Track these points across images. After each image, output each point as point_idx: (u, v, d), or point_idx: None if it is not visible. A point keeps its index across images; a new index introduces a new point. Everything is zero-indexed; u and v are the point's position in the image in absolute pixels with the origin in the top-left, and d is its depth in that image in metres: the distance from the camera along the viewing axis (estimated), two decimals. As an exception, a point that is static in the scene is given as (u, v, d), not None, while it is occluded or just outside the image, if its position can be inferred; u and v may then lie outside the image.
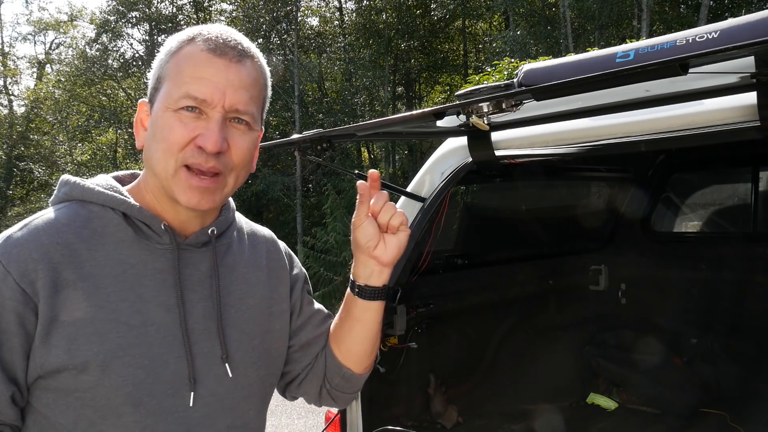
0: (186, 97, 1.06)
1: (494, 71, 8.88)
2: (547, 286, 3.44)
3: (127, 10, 21.95)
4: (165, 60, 1.11)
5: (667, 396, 3.31)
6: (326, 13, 23.21)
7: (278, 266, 1.32)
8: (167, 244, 1.12)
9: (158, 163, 1.09)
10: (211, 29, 1.11)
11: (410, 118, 1.73)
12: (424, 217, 2.24)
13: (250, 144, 1.13)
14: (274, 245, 1.35)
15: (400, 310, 2.35)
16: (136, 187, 1.17)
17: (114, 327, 1.04)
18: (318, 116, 19.76)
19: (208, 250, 1.17)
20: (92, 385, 1.02)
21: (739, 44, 1.14)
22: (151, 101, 1.12)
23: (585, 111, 1.81)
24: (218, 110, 1.07)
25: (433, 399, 2.74)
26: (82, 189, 1.13)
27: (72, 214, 1.09)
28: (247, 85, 1.09)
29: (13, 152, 24.51)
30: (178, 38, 1.12)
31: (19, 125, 25.46)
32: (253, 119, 1.12)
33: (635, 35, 15.41)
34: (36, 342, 1.01)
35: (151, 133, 1.10)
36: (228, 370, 1.14)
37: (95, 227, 1.09)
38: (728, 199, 3.99)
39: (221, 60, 1.07)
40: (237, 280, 1.21)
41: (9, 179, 24.58)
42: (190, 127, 1.06)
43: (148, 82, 1.15)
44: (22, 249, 1.02)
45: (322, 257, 12.17)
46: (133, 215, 1.11)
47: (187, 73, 1.07)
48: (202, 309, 1.13)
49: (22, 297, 1.00)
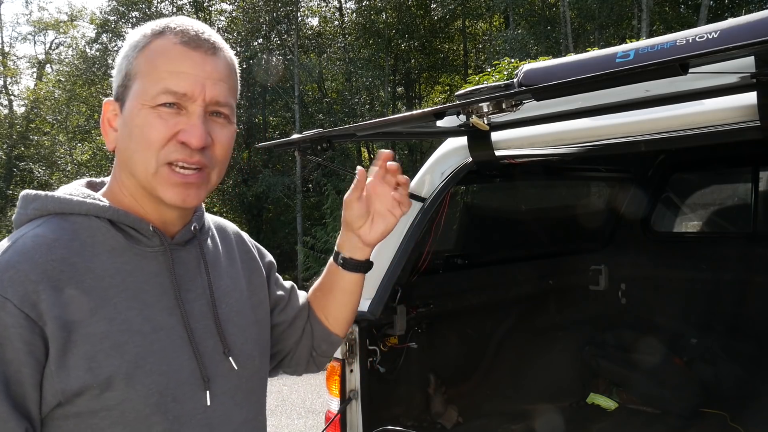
0: (165, 92, 1.02)
1: (494, 71, 8.88)
2: (547, 286, 3.44)
3: (127, 10, 21.95)
4: (132, 55, 1.06)
5: (667, 396, 3.31)
6: (326, 13, 23.20)
7: (249, 257, 1.32)
8: (157, 245, 1.09)
9: (138, 163, 1.04)
10: (177, 22, 1.07)
11: (410, 118, 1.73)
12: (424, 217, 2.24)
13: (230, 137, 1.10)
14: (240, 237, 1.34)
15: (400, 310, 2.35)
16: (110, 191, 1.12)
17: (129, 337, 1.00)
18: (318, 116, 19.75)
19: (193, 248, 1.15)
20: (119, 400, 0.98)
21: (739, 44, 1.15)
22: (120, 100, 1.07)
23: (585, 111, 1.81)
24: (199, 104, 1.03)
25: (433, 399, 2.74)
26: (59, 201, 1.06)
27: (56, 229, 1.03)
28: (224, 77, 1.07)
29: (13, 152, 24.51)
30: (143, 32, 1.07)
31: (19, 125, 25.46)
32: (231, 111, 1.10)
33: (635, 35, 15.40)
34: (51, 368, 0.95)
35: (126, 133, 1.05)
36: (233, 363, 1.13)
37: (84, 239, 1.03)
38: (728, 199, 3.99)
39: (197, 53, 1.04)
40: (220, 275, 1.20)
41: (9, 179, 24.57)
42: (171, 123, 1.02)
43: (112, 81, 1.10)
44: (15, 272, 0.95)
45: (322, 257, 12.16)
46: (119, 221, 1.06)
47: (162, 68, 1.02)
48: (198, 307, 1.12)
49: (26, 323, 0.93)
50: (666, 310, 3.63)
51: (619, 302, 3.82)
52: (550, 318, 3.47)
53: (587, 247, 3.84)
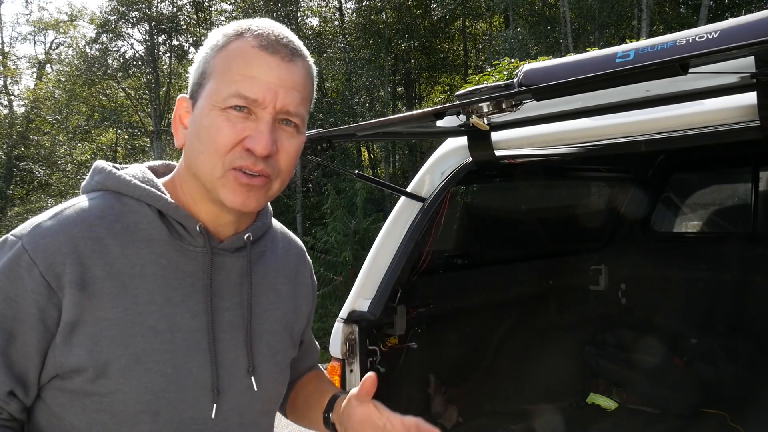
0: (236, 95, 0.99)
1: (494, 71, 8.87)
2: (547, 286, 3.44)
3: (127, 10, 21.95)
4: (210, 55, 1.04)
5: (667, 396, 3.31)
6: (326, 13, 23.21)
7: (305, 283, 1.28)
8: (200, 246, 1.06)
9: (203, 165, 1.02)
10: (260, 24, 1.04)
11: (410, 118, 1.73)
12: (424, 217, 2.24)
13: (297, 148, 1.07)
14: (303, 260, 1.30)
15: (400, 310, 2.35)
16: (171, 182, 1.11)
17: (139, 331, 0.99)
18: (318, 116, 19.76)
19: (242, 257, 1.11)
20: (111, 390, 0.98)
21: (739, 44, 1.15)
22: (194, 98, 1.05)
23: (585, 111, 1.81)
24: (269, 111, 1.00)
25: (433, 399, 2.74)
26: (118, 180, 1.06)
27: (105, 207, 1.03)
28: (299, 85, 1.03)
29: (13, 152, 24.49)
30: (224, 32, 1.05)
31: (19, 125, 25.44)
32: (302, 122, 1.06)
33: (635, 35, 15.40)
34: (57, 340, 0.96)
35: (195, 132, 1.04)
36: (254, 383, 1.10)
37: (128, 222, 1.03)
38: (728, 199, 3.99)
39: (273, 58, 1.01)
40: (267, 290, 1.16)
41: (9, 179, 24.56)
42: (239, 128, 1.00)
43: (189, 77, 1.09)
44: (51, 240, 0.97)
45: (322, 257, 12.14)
46: (169, 213, 1.05)
47: (236, 71, 1.00)
48: (229, 318, 1.08)
49: (46, 291, 0.95)
50: (666, 310, 3.63)
51: (619, 302, 3.82)
52: (550, 318, 3.47)
53: (587, 247, 3.84)
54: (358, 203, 11.86)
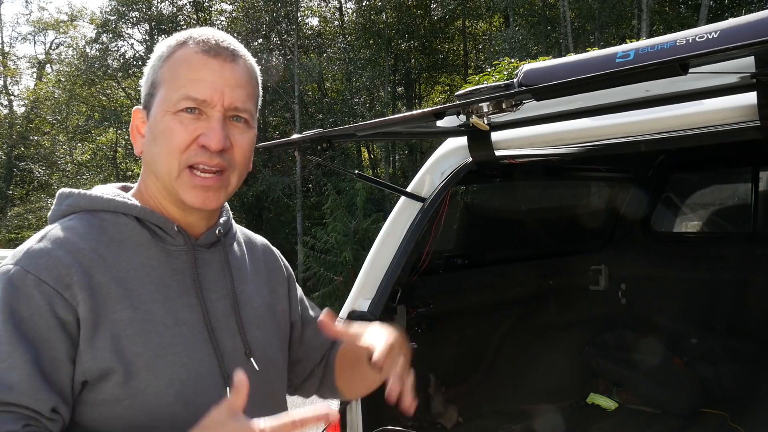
0: (185, 98, 1.07)
1: (494, 71, 8.88)
2: (547, 286, 3.44)
3: (127, 10, 21.95)
4: (158, 65, 1.12)
5: (667, 396, 3.31)
6: (326, 13, 23.22)
7: (275, 267, 1.35)
8: (181, 245, 1.13)
9: (161, 166, 1.10)
10: (200, 32, 1.12)
11: (410, 118, 1.74)
12: (424, 217, 2.24)
13: (250, 142, 1.15)
14: (269, 248, 1.38)
15: (400, 310, 2.35)
16: (138, 193, 1.18)
17: (152, 327, 1.05)
18: (318, 116, 19.77)
19: (218, 251, 1.19)
20: (141, 388, 1.02)
21: (739, 44, 1.15)
22: (147, 107, 1.13)
23: (585, 111, 1.81)
24: (218, 109, 1.08)
25: (433, 399, 2.74)
26: (90, 198, 1.13)
27: (86, 225, 1.09)
28: (243, 83, 1.11)
29: (13, 152, 24.50)
30: (168, 43, 1.13)
31: (19, 125, 25.46)
32: (251, 116, 1.14)
33: (635, 35, 15.40)
34: (81, 346, 1.00)
35: (151, 138, 1.11)
36: (254, 364, 1.16)
37: (112, 234, 1.10)
38: (728, 199, 3.99)
39: (216, 60, 1.09)
40: (245, 279, 1.23)
41: (9, 179, 24.57)
42: (191, 128, 1.08)
43: (141, 90, 1.17)
44: (49, 257, 1.02)
45: (322, 257, 12.15)
46: (146, 219, 1.12)
47: (183, 76, 1.08)
48: (221, 307, 1.15)
49: (62, 302, 0.99)
50: (666, 310, 3.63)
51: (619, 302, 3.82)
52: (550, 318, 3.47)
53: (587, 247, 3.84)
54: (358, 203, 11.88)
